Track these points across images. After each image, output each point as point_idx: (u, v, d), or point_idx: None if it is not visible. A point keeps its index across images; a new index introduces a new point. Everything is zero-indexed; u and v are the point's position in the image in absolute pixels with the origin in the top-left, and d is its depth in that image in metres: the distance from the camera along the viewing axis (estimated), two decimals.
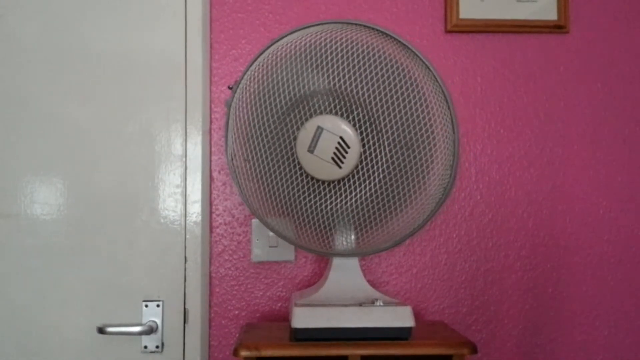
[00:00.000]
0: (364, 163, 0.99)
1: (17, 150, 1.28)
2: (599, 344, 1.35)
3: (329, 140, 0.98)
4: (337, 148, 0.97)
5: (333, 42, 1.00)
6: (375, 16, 1.36)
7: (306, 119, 1.00)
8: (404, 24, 1.37)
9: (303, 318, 1.02)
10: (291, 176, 1.03)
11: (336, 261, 1.11)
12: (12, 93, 1.29)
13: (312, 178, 1.01)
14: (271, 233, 1.29)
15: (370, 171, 0.99)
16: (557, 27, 1.36)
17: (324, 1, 1.36)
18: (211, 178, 1.34)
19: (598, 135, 1.38)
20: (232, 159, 1.09)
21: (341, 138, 0.97)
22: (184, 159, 1.30)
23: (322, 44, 1.01)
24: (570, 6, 1.37)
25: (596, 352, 1.35)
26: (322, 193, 1.02)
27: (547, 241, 1.36)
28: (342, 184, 1.01)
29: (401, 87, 0.99)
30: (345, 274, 1.11)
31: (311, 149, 0.99)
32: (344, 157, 0.97)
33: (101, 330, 1.22)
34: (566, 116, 1.38)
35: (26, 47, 1.29)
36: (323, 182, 1.02)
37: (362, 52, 1.00)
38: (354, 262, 1.12)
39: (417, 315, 1.34)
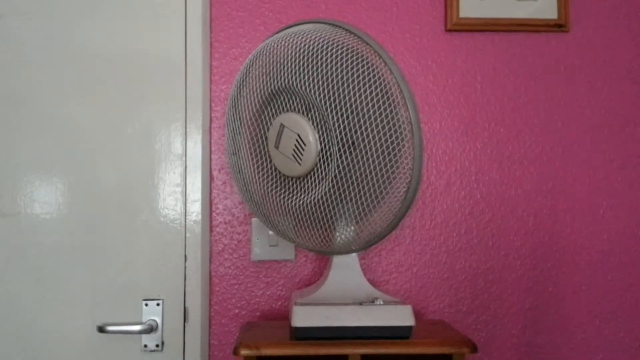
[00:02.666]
0: (321, 161, 0.99)
1: (17, 150, 1.28)
2: (599, 343, 1.35)
3: (290, 137, 0.99)
4: (295, 145, 0.99)
5: (297, 43, 1.00)
6: (375, 15, 1.36)
7: (275, 117, 1.02)
8: (404, 23, 1.37)
9: (303, 317, 1.01)
10: (266, 171, 1.06)
11: (336, 260, 1.11)
12: (12, 93, 1.29)
13: (282, 174, 1.04)
14: (271, 232, 1.29)
15: (327, 170, 0.98)
16: (557, 26, 1.36)
17: (324, 0, 1.36)
18: (211, 177, 1.34)
19: (598, 135, 1.38)
20: (232, 155, 1.10)
21: (298, 135, 0.98)
22: (183, 158, 1.30)
23: (288, 44, 1.01)
24: (570, 5, 1.37)
25: (596, 351, 1.35)
26: (291, 189, 1.03)
27: (547, 241, 1.36)
28: (305, 180, 1.01)
29: (358, 85, 0.96)
30: (346, 273, 1.10)
31: (276, 146, 1.01)
32: (302, 154, 0.98)
33: (101, 329, 1.22)
34: (566, 116, 1.38)
35: (26, 47, 1.29)
36: (292, 178, 1.03)
37: (321, 50, 0.97)
38: (354, 261, 1.11)
39: (417, 314, 1.34)
